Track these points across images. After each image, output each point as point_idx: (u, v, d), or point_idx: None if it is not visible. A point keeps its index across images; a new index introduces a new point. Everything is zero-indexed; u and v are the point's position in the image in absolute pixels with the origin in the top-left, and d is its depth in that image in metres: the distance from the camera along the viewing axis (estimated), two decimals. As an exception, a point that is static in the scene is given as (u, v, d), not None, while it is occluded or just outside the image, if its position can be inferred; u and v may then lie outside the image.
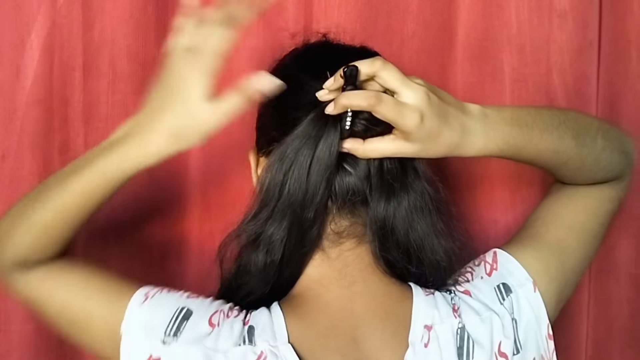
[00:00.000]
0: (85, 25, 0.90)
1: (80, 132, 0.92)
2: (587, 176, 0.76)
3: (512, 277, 0.69)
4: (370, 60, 0.62)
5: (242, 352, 0.62)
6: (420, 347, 0.63)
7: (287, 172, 0.64)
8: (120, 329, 0.65)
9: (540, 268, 0.70)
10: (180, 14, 0.66)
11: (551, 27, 0.94)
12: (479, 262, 0.72)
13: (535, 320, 0.68)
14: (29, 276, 0.70)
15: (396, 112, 0.60)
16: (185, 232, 0.96)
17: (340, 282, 0.67)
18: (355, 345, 0.64)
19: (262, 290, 0.68)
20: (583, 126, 0.73)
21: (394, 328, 0.65)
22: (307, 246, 0.66)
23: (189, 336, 0.63)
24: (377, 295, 0.67)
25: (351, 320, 0.65)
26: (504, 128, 0.66)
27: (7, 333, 0.91)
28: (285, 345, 0.62)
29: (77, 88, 0.91)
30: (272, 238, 0.66)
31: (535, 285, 0.69)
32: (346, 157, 0.65)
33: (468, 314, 0.66)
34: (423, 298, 0.66)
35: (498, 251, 0.73)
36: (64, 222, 0.68)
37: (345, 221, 0.67)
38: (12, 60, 0.88)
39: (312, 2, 0.92)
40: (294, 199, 0.64)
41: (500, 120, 0.66)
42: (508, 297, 0.68)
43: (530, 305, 0.68)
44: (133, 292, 0.68)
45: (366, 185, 0.65)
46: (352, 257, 0.68)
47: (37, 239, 0.69)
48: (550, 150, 0.70)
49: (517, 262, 0.70)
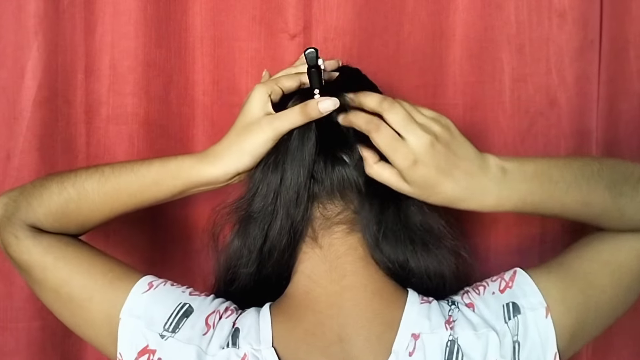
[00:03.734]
0: (87, 28, 0.92)
1: (82, 132, 0.93)
2: (630, 225, 0.70)
3: (525, 298, 0.66)
4: (379, 97, 0.65)
5: (227, 354, 0.63)
6: (404, 355, 0.62)
7: (272, 155, 0.67)
8: (120, 314, 0.66)
9: (557, 296, 0.67)
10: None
11: (551, 27, 0.94)
12: (496, 278, 0.70)
13: (541, 347, 0.64)
14: (38, 239, 0.71)
15: (390, 147, 0.62)
16: (191, 216, 0.97)
17: (330, 275, 0.67)
18: (340, 345, 0.64)
19: (246, 272, 0.69)
20: (622, 175, 0.68)
21: (380, 331, 0.65)
22: (294, 230, 0.67)
23: (186, 334, 0.64)
24: (367, 292, 0.67)
25: (339, 318, 0.65)
26: (522, 185, 0.64)
27: (14, 331, 0.92)
28: (269, 349, 0.63)
29: (79, 89, 0.93)
30: (256, 220, 0.68)
31: (549, 312, 0.65)
32: (344, 147, 0.66)
33: (463, 328, 0.64)
34: (417, 305, 0.66)
35: (518, 271, 0.70)
36: (99, 212, 0.71)
37: (335, 207, 0.68)
38: (17, 62, 0.90)
39: (312, 4, 0.93)
40: (275, 185, 0.67)
41: (519, 177, 0.64)
42: (514, 317, 0.65)
43: (538, 331, 0.65)
44: (136, 279, 0.69)
45: (363, 178, 0.67)
46: (343, 247, 0.68)
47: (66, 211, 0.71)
48: (579, 204, 0.67)
49: (534, 285, 0.67)
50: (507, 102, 0.96)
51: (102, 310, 0.67)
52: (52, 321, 0.93)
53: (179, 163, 0.69)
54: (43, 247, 0.70)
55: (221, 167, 0.67)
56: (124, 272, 0.70)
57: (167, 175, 0.69)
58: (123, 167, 0.71)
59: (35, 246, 0.70)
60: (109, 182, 0.70)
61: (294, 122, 0.66)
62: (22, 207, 0.71)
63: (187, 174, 0.68)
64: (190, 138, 0.96)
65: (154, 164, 0.70)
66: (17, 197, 0.72)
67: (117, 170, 0.71)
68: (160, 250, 0.97)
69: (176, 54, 0.94)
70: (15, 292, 0.92)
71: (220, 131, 0.94)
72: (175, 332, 0.64)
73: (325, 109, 0.65)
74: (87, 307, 0.68)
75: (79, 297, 0.68)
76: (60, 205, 0.71)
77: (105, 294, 0.68)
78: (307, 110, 0.65)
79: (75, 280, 0.69)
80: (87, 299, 0.68)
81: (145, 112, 0.93)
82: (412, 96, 0.96)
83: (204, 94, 0.95)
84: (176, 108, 0.95)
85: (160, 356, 0.64)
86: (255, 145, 0.66)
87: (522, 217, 0.96)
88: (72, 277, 0.69)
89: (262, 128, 0.66)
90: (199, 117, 0.96)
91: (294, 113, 0.66)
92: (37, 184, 0.73)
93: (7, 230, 0.71)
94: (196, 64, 0.95)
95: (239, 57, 0.95)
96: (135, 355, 0.64)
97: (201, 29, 0.94)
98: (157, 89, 0.94)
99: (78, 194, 0.70)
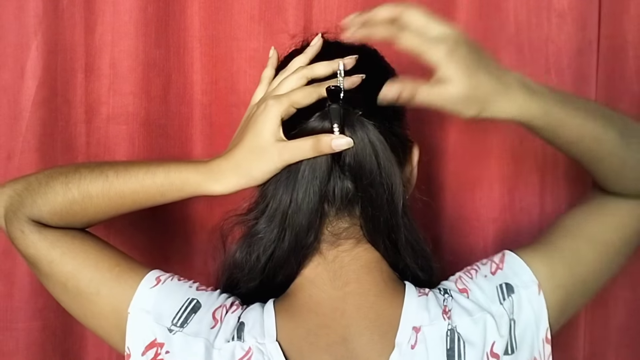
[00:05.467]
0: (87, 28, 0.92)
1: (82, 132, 0.93)
2: (623, 183, 0.72)
3: (517, 277, 0.68)
4: (394, 4, 0.62)
5: (232, 348, 0.64)
6: (406, 348, 0.63)
7: (281, 178, 0.66)
8: (129, 308, 0.66)
9: (547, 273, 0.69)
10: (265, 66, 0.72)
11: (550, 27, 0.94)
12: (486, 261, 0.72)
13: (535, 322, 0.67)
14: (44, 234, 0.71)
15: (422, 43, 0.60)
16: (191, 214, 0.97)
17: (334, 283, 0.68)
18: (344, 344, 0.65)
19: (250, 285, 0.69)
20: (631, 127, 0.70)
21: (383, 329, 0.65)
22: (303, 249, 0.67)
23: (194, 328, 0.65)
24: (369, 296, 0.67)
25: (342, 320, 0.66)
26: (545, 97, 0.64)
27: (14, 331, 0.92)
28: (273, 343, 0.63)
29: (79, 89, 0.93)
30: (262, 239, 0.67)
31: (540, 288, 0.68)
32: (344, 161, 0.65)
33: (460, 315, 0.65)
34: (415, 299, 0.66)
35: (507, 252, 0.71)
36: (101, 211, 0.71)
37: (343, 223, 0.68)
38: (17, 62, 0.90)
39: (312, 3, 0.93)
40: (284, 205, 0.65)
41: (541, 89, 0.64)
42: (509, 297, 0.67)
43: (532, 307, 0.67)
44: (143, 273, 0.69)
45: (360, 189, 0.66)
46: (348, 258, 0.68)
47: (71, 212, 0.71)
48: (592, 137, 0.67)
49: (524, 264, 0.69)
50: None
51: (110, 304, 0.68)
52: (52, 321, 0.93)
53: (183, 179, 0.68)
54: (49, 242, 0.70)
55: (226, 185, 0.66)
56: (130, 266, 0.70)
57: (172, 188, 0.68)
58: (127, 173, 0.70)
59: (41, 241, 0.71)
60: (113, 188, 0.70)
61: (305, 156, 0.64)
62: (27, 204, 0.71)
63: (192, 189, 0.68)
64: (189, 137, 0.96)
65: (158, 175, 0.69)
66: (21, 192, 0.72)
67: (121, 177, 0.70)
68: (161, 250, 0.98)
69: (175, 53, 0.95)
70: (16, 293, 0.92)
71: (219, 131, 0.96)
72: (183, 326, 0.65)
73: (338, 147, 0.63)
74: (95, 300, 0.69)
75: (86, 290, 0.69)
76: (65, 206, 0.71)
77: (112, 288, 0.68)
78: (320, 146, 0.63)
79: (82, 274, 0.69)
80: (94, 293, 0.68)
81: (146, 112, 0.93)
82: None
83: (202, 93, 0.95)
84: (175, 107, 0.95)
85: (169, 349, 0.64)
86: (263, 172, 0.65)
87: (520, 215, 0.97)
88: (79, 271, 0.69)
89: (271, 157, 0.64)
90: (198, 117, 0.96)
91: (306, 147, 0.63)
92: (42, 181, 0.72)
93: (13, 225, 0.72)
94: (195, 64, 0.95)
95: (237, 56, 0.95)
96: (142, 348, 0.65)
97: (200, 28, 0.94)
98: (157, 88, 0.94)
99: (82, 198, 0.70)
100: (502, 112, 0.63)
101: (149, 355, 0.65)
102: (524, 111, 0.63)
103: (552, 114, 0.64)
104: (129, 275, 0.69)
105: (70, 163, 0.91)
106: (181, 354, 0.64)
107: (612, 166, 0.70)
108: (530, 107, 0.63)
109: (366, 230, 0.67)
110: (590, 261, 0.72)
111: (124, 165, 0.72)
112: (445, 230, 0.98)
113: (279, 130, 0.65)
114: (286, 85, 0.67)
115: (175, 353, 0.64)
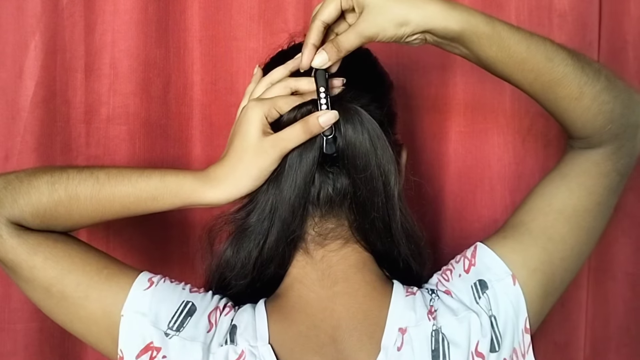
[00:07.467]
0: (87, 27, 0.91)
1: (82, 132, 0.93)
2: (585, 116, 0.68)
3: (490, 272, 0.67)
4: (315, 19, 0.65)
5: (225, 352, 0.64)
6: (392, 350, 0.63)
7: (271, 177, 0.66)
8: (122, 311, 0.65)
9: (519, 261, 0.68)
10: (250, 81, 0.73)
11: (551, 28, 0.95)
12: (459, 258, 0.71)
13: (514, 314, 0.66)
14: (24, 238, 0.68)
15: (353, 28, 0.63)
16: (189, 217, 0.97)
17: (322, 282, 0.68)
18: (334, 345, 0.65)
19: (241, 283, 0.69)
20: (584, 57, 0.68)
21: (371, 330, 0.65)
22: (290, 237, 0.67)
23: (191, 333, 0.65)
24: (358, 296, 0.67)
25: (332, 320, 0.66)
26: (471, 11, 0.63)
27: (12, 332, 0.92)
28: (265, 346, 0.63)
29: (79, 89, 0.92)
30: (252, 233, 0.67)
31: (515, 279, 0.67)
32: (332, 163, 0.66)
33: (444, 316, 0.65)
34: (402, 299, 0.66)
35: (479, 245, 0.70)
36: (89, 217, 0.69)
37: (329, 224, 0.68)
38: (16, 62, 0.89)
39: (312, 3, 0.93)
40: (273, 198, 0.66)
41: (467, 7, 0.64)
42: (484, 294, 0.66)
43: (509, 299, 0.66)
44: (134, 275, 0.68)
45: (350, 191, 0.67)
46: (336, 257, 0.68)
47: (55, 214, 0.68)
48: (542, 56, 0.64)
49: (496, 255, 0.68)
50: (507, 102, 0.96)
51: (100, 307, 0.67)
52: (51, 323, 0.91)
53: (180, 183, 0.67)
54: (30, 247, 0.68)
55: (224, 191, 0.66)
56: (119, 268, 0.69)
57: (167, 193, 0.67)
58: (120, 175, 0.68)
59: (21, 245, 0.67)
60: (103, 190, 0.68)
61: (298, 140, 0.64)
62: (6, 204, 0.68)
63: (187, 195, 0.67)
64: (189, 138, 0.96)
65: (153, 178, 0.67)
66: (0, 190, 0.69)
67: (113, 178, 0.68)
68: (159, 251, 0.97)
69: (175, 53, 0.94)
70: (13, 293, 0.91)
71: (219, 131, 0.95)
72: (179, 330, 0.65)
73: (326, 122, 0.64)
74: (83, 304, 0.67)
75: (72, 295, 0.67)
76: (50, 207, 0.68)
77: (102, 291, 0.67)
78: (309, 127, 0.64)
79: (68, 279, 0.67)
80: (82, 297, 0.67)
81: (146, 112, 0.93)
82: (413, 96, 0.97)
83: (202, 93, 0.95)
84: (175, 108, 0.95)
85: (165, 354, 0.64)
86: (262, 170, 0.65)
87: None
88: (64, 276, 0.67)
89: (266, 151, 0.64)
90: (198, 117, 0.96)
91: (297, 131, 0.64)
92: (24, 179, 0.69)
93: None
94: (195, 64, 0.95)
95: (237, 56, 0.95)
96: (137, 352, 0.64)
97: (200, 28, 0.94)
98: (157, 88, 0.93)
99: (69, 199, 0.68)
100: (423, 21, 0.63)
101: (143, 359, 0.64)
102: (448, 19, 0.62)
103: (482, 27, 0.63)
104: (119, 278, 0.68)
105: (67, 164, 0.91)
106: (179, 359, 0.63)
107: (570, 94, 0.66)
108: (452, 15, 0.62)
109: (356, 223, 0.67)
110: (566, 236, 0.70)
111: (116, 168, 0.70)
112: (447, 231, 0.98)
113: (266, 126, 0.65)
114: (270, 92, 0.68)
115: (173, 358, 0.63)
